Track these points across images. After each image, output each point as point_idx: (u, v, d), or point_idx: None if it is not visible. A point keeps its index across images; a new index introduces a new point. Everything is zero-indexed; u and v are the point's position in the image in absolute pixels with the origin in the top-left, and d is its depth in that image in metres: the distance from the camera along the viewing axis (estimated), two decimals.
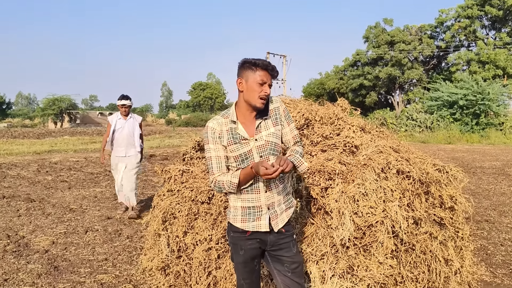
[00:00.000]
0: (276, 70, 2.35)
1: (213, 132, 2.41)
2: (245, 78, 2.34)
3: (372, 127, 4.20)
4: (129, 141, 6.44)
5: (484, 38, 37.92)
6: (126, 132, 6.42)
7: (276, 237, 2.46)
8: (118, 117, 6.49)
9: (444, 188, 3.59)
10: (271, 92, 2.38)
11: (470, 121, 24.80)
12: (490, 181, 9.73)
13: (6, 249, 4.89)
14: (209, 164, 2.43)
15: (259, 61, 2.32)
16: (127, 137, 6.42)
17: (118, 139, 6.42)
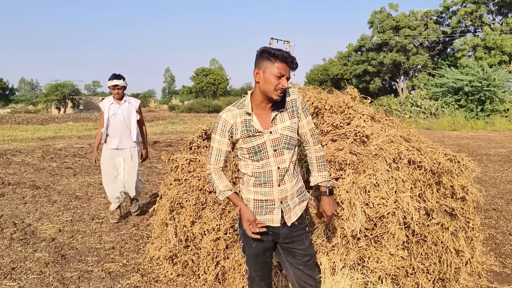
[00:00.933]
0: (296, 62, 2.26)
1: (224, 124, 2.34)
2: (263, 69, 2.25)
3: (381, 116, 4.13)
4: (124, 130, 5.38)
5: (491, 23, 37.47)
6: (120, 119, 5.35)
7: (288, 230, 2.42)
8: (111, 102, 5.41)
9: (456, 178, 3.54)
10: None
11: (475, 107, 24.61)
12: (496, 169, 9.67)
13: (13, 237, 4.89)
14: (210, 152, 2.45)
15: (279, 52, 2.23)
16: (121, 125, 5.36)
17: (111, 127, 5.36)
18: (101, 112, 5.45)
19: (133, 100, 5.56)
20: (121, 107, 5.39)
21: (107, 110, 5.36)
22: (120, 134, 5.36)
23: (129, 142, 5.43)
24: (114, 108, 5.38)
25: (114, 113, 5.34)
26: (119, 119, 5.34)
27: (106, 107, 5.38)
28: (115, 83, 5.24)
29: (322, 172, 2.51)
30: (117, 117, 5.34)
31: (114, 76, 5.30)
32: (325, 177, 2.51)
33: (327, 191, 2.50)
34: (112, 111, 5.36)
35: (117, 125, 5.34)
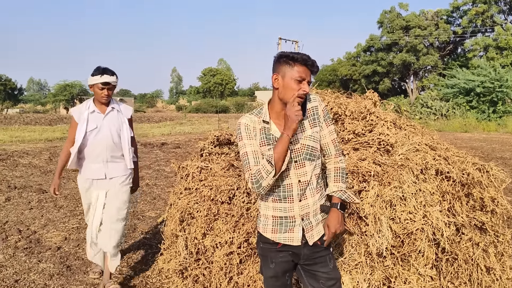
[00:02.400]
0: (316, 65, 2.07)
1: (246, 127, 2.15)
2: (282, 74, 2.07)
3: (403, 122, 3.90)
4: (111, 152, 3.62)
5: (502, 23, 36.93)
6: (106, 135, 3.58)
7: (310, 250, 2.21)
8: (91, 109, 3.60)
9: (486, 190, 3.30)
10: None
11: (487, 109, 24.24)
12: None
13: (17, 245, 4.72)
14: (245, 160, 2.13)
15: (298, 55, 2.05)
16: (108, 144, 3.59)
17: (91, 148, 3.56)
18: (72, 123, 3.63)
19: (124, 106, 3.79)
20: (108, 118, 3.61)
21: (84, 122, 3.54)
22: (105, 157, 3.59)
23: (119, 170, 3.69)
24: (97, 118, 3.58)
25: (96, 126, 3.54)
26: (104, 135, 3.56)
27: (83, 117, 3.56)
28: (106, 80, 3.49)
29: (339, 183, 2.24)
30: (102, 132, 3.56)
31: (103, 70, 3.51)
32: (341, 188, 2.23)
33: (338, 204, 2.20)
34: (93, 123, 3.55)
35: (102, 144, 3.55)
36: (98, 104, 3.63)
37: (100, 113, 3.61)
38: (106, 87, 3.52)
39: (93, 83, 3.52)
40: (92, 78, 3.52)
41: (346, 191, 2.24)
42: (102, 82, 3.49)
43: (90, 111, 3.59)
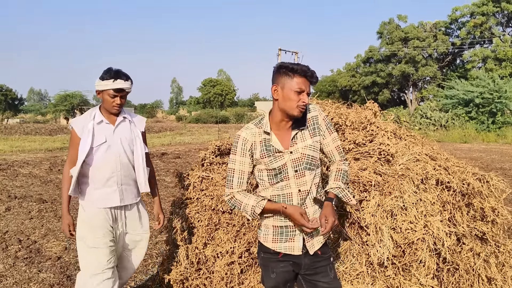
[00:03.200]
0: (316, 76, 2.09)
1: (244, 143, 2.17)
2: (281, 85, 2.09)
3: (403, 132, 3.92)
4: (127, 171, 2.92)
5: (501, 35, 37.19)
6: (118, 151, 2.87)
7: (311, 260, 2.22)
8: (97, 119, 2.87)
9: (486, 200, 3.31)
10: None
11: (486, 119, 24.28)
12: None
13: (18, 255, 4.71)
14: (230, 176, 2.21)
15: (297, 66, 2.07)
16: (122, 161, 2.88)
17: (101, 166, 2.82)
18: (72, 138, 2.84)
19: (138, 118, 3.07)
20: (119, 129, 2.89)
21: (89, 134, 2.78)
22: (119, 180, 2.86)
23: (133, 195, 2.99)
24: (105, 130, 2.85)
25: (105, 139, 2.82)
26: (116, 151, 2.84)
27: (88, 129, 2.79)
28: (119, 87, 2.77)
29: (338, 181, 2.21)
30: (113, 147, 2.84)
31: (115, 73, 2.79)
32: (339, 186, 2.20)
33: (333, 199, 2.18)
34: (101, 135, 2.82)
35: (111, 162, 2.82)
36: (106, 113, 2.87)
37: (109, 123, 2.85)
38: (119, 94, 2.79)
39: (103, 88, 2.78)
40: (101, 83, 2.77)
41: (344, 189, 2.21)
42: (114, 88, 2.76)
43: (97, 121, 2.82)
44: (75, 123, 2.86)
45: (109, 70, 2.81)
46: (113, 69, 2.82)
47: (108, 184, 2.85)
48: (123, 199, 2.92)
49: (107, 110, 2.89)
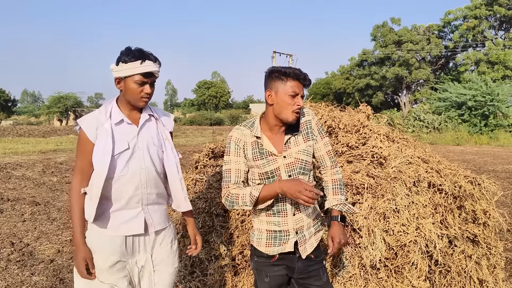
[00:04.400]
0: (309, 79, 2.11)
1: (237, 142, 2.17)
2: (275, 90, 2.09)
3: (396, 135, 3.95)
4: (154, 187, 2.22)
5: (493, 38, 37.53)
6: (142, 162, 2.16)
7: (304, 264, 2.23)
8: (116, 118, 2.14)
9: (478, 202, 3.34)
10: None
11: (478, 122, 24.48)
12: (506, 186, 9.46)
13: (10, 258, 4.69)
14: (227, 176, 2.19)
15: (289, 69, 2.08)
16: (149, 174, 2.18)
17: (120, 183, 2.11)
18: (81, 144, 2.12)
19: (164, 114, 2.36)
20: (144, 131, 2.20)
21: (108, 139, 2.08)
22: (144, 198, 2.19)
23: (162, 218, 2.30)
24: (127, 132, 2.15)
25: (128, 146, 2.12)
26: (139, 162, 2.15)
27: (106, 131, 2.09)
28: (148, 70, 2.09)
29: (337, 195, 2.26)
30: (138, 156, 2.15)
31: (141, 53, 2.10)
32: (340, 201, 2.25)
33: (338, 217, 2.24)
34: (123, 140, 2.12)
35: (135, 176, 2.14)
36: (127, 110, 2.17)
37: (131, 123, 2.16)
38: (148, 80, 2.12)
39: (127, 74, 2.07)
40: (124, 67, 2.07)
41: (346, 203, 2.26)
42: (144, 72, 2.08)
43: (115, 121, 2.12)
44: (85, 123, 2.10)
45: (131, 51, 2.10)
46: (136, 49, 2.12)
47: (130, 205, 2.16)
48: (150, 225, 2.21)
49: (130, 105, 2.16)
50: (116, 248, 2.13)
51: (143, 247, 2.23)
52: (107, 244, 2.12)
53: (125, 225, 2.15)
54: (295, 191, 1.92)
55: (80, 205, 2.11)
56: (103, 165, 2.05)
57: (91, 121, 2.11)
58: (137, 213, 2.18)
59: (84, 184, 2.11)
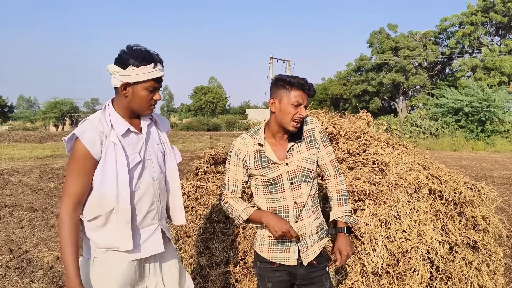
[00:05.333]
0: (313, 89, 2.13)
1: (237, 153, 2.21)
2: (279, 98, 2.12)
3: (396, 141, 3.97)
4: (164, 201, 2.06)
5: (489, 44, 37.79)
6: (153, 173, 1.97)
7: (306, 270, 2.23)
8: (122, 128, 1.88)
9: (478, 209, 3.36)
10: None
11: (475, 128, 24.60)
12: (503, 192, 9.49)
13: (9, 265, 4.67)
14: (226, 183, 2.28)
15: (294, 79, 2.09)
16: (161, 185, 2.02)
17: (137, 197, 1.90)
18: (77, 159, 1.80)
19: (158, 117, 2.12)
20: (150, 140, 2.02)
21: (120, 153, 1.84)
22: (159, 212, 2.02)
23: (169, 232, 2.15)
24: (135, 143, 1.94)
25: (140, 158, 1.92)
26: (151, 174, 1.97)
27: (113, 143, 1.84)
28: (161, 74, 1.89)
29: (342, 207, 2.29)
30: (149, 168, 1.97)
31: (150, 55, 1.86)
32: (346, 212, 2.29)
33: (344, 228, 2.27)
34: (135, 153, 1.91)
35: (149, 189, 1.96)
36: (127, 117, 1.93)
37: (138, 132, 1.96)
38: (159, 86, 1.93)
39: (139, 80, 1.84)
40: (134, 71, 1.83)
41: (351, 214, 2.30)
42: (156, 77, 1.88)
43: (121, 132, 1.88)
44: (86, 136, 1.80)
45: (140, 51, 1.85)
46: (143, 50, 1.87)
47: (145, 222, 1.95)
48: (165, 242, 2.03)
49: (131, 112, 1.93)
50: (131, 276, 1.92)
51: (153, 269, 2.02)
52: (122, 272, 1.89)
53: (144, 245, 1.93)
54: (276, 229, 2.08)
55: (75, 240, 1.80)
56: (122, 184, 1.82)
57: (93, 134, 1.80)
58: (153, 230, 1.98)
59: (78, 212, 1.82)
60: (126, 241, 1.85)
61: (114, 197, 1.81)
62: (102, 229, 1.86)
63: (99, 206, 1.83)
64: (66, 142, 1.83)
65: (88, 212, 1.86)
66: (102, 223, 1.86)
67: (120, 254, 1.88)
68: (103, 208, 1.83)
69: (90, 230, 1.88)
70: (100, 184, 1.81)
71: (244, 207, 2.19)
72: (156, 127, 2.07)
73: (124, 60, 1.83)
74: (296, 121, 2.11)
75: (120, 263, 1.88)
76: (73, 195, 1.80)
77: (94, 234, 1.87)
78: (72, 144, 1.82)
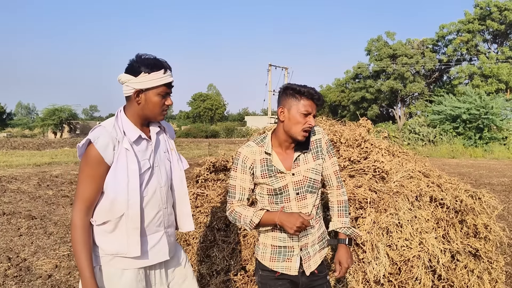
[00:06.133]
0: (322, 99, 2.12)
1: (244, 160, 2.17)
2: (288, 107, 2.09)
3: (397, 149, 3.98)
4: (170, 207, 2.08)
5: (486, 52, 38.01)
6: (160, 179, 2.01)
7: (308, 279, 2.22)
8: (133, 134, 1.91)
9: (479, 217, 3.36)
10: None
11: (473, 135, 24.64)
12: (502, 199, 9.48)
13: (7, 273, 4.63)
14: (231, 191, 2.22)
15: (304, 88, 2.07)
16: (166, 193, 2.04)
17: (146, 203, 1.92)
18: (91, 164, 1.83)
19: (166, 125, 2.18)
20: (158, 147, 2.06)
21: (131, 159, 1.88)
22: (165, 219, 2.04)
23: (175, 240, 2.19)
24: (145, 150, 1.97)
25: (150, 165, 1.96)
26: (158, 180, 2.00)
27: (126, 150, 1.87)
28: (171, 79, 1.97)
29: (343, 218, 2.28)
30: (157, 174, 2.00)
31: (160, 62, 1.93)
32: (345, 224, 2.28)
33: (346, 240, 2.27)
34: (145, 160, 1.95)
35: (156, 195, 1.98)
36: (139, 124, 1.97)
37: (147, 139, 1.99)
38: (170, 91, 1.99)
39: (149, 86, 1.89)
40: (146, 77, 1.88)
41: (350, 226, 2.29)
42: (166, 83, 1.93)
43: (133, 139, 1.91)
44: (100, 141, 1.83)
45: (149, 59, 1.92)
46: (151, 57, 1.93)
47: (151, 229, 1.96)
48: (170, 250, 2.04)
49: (144, 119, 1.98)
50: (141, 283, 1.93)
51: (158, 279, 2.03)
52: (130, 279, 1.90)
53: (150, 252, 1.95)
54: (292, 225, 2.01)
55: (88, 243, 1.83)
56: (133, 190, 1.85)
57: (106, 140, 1.84)
58: (159, 238, 1.99)
59: (89, 216, 1.86)
60: (134, 247, 1.87)
61: (125, 203, 1.84)
62: (111, 234, 1.88)
63: (110, 211, 1.86)
64: (80, 147, 1.86)
65: (98, 216, 1.88)
66: (111, 228, 1.88)
67: (126, 261, 1.89)
68: (113, 213, 1.86)
69: (99, 234, 1.89)
70: (111, 189, 1.84)
71: (253, 211, 2.14)
72: (165, 134, 2.11)
73: (135, 68, 1.89)
74: (305, 131, 2.10)
75: (126, 271, 1.89)
76: (85, 199, 1.84)
77: (102, 239, 1.89)
78: (85, 149, 1.85)
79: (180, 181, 2.12)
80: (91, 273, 1.80)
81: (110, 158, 1.84)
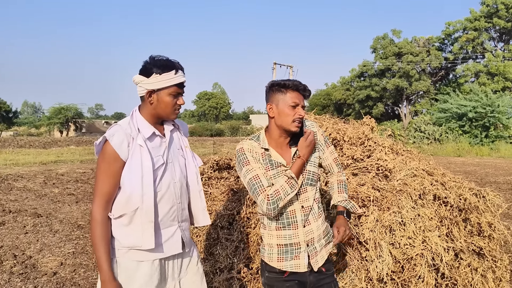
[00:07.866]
0: (308, 90, 2.14)
1: (250, 151, 2.16)
2: (275, 102, 2.12)
3: (400, 147, 3.97)
4: (184, 202, 2.13)
5: (493, 50, 37.74)
6: (174, 175, 2.06)
7: (316, 278, 2.21)
8: (147, 131, 1.98)
9: (483, 215, 3.34)
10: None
11: (479, 133, 24.52)
12: (508, 198, 9.43)
13: (13, 270, 4.67)
14: (258, 183, 2.08)
15: (289, 81, 2.12)
16: (183, 188, 2.11)
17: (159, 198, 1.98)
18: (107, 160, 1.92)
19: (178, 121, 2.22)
20: (172, 143, 2.12)
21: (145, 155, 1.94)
22: (179, 214, 2.09)
23: (190, 234, 2.24)
24: (159, 147, 2.04)
25: (163, 161, 2.02)
26: (172, 175, 2.06)
27: (140, 147, 1.94)
28: (183, 80, 2.03)
29: (342, 194, 2.35)
30: (170, 170, 2.05)
31: (172, 63, 1.99)
32: (344, 198, 2.34)
33: (344, 212, 2.30)
34: (158, 156, 2.01)
35: (170, 190, 2.04)
36: (153, 122, 2.04)
37: (162, 136, 2.06)
38: (182, 91, 2.05)
39: (163, 86, 1.96)
40: (158, 78, 1.94)
41: (350, 201, 2.34)
42: (179, 83, 2.00)
43: (147, 135, 1.98)
44: (115, 139, 1.91)
45: (161, 60, 1.98)
46: (164, 58, 2.00)
47: (165, 223, 2.02)
48: (186, 244, 2.12)
49: (157, 117, 2.04)
50: (155, 275, 1.99)
51: (171, 272, 2.09)
52: (145, 271, 1.97)
53: (165, 245, 2.02)
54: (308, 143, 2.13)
55: (107, 236, 1.92)
56: (147, 185, 1.91)
57: (121, 137, 1.91)
58: (173, 231, 2.06)
59: (107, 210, 1.94)
60: (148, 240, 1.93)
61: (139, 197, 1.91)
62: (127, 227, 1.96)
63: (125, 205, 1.93)
64: (97, 145, 1.94)
65: (115, 210, 1.96)
66: (127, 221, 1.95)
67: (142, 253, 1.96)
68: (129, 207, 1.93)
69: (116, 227, 1.97)
70: (126, 184, 1.92)
71: (280, 178, 2.09)
72: (178, 132, 2.18)
73: (147, 70, 1.96)
74: (297, 121, 2.11)
75: (142, 264, 1.97)
76: (103, 194, 1.92)
77: (119, 232, 1.96)
78: (101, 146, 1.94)
79: (195, 177, 2.18)
80: (109, 266, 1.89)
81: (125, 154, 1.92)
